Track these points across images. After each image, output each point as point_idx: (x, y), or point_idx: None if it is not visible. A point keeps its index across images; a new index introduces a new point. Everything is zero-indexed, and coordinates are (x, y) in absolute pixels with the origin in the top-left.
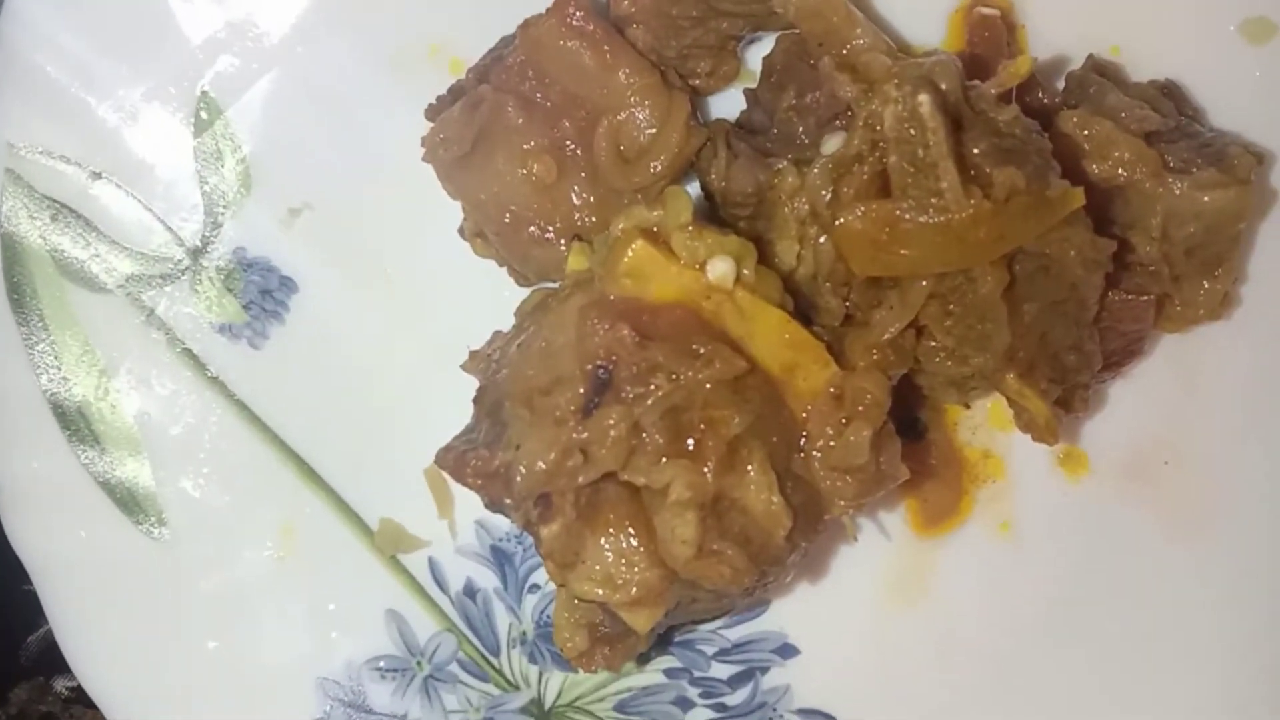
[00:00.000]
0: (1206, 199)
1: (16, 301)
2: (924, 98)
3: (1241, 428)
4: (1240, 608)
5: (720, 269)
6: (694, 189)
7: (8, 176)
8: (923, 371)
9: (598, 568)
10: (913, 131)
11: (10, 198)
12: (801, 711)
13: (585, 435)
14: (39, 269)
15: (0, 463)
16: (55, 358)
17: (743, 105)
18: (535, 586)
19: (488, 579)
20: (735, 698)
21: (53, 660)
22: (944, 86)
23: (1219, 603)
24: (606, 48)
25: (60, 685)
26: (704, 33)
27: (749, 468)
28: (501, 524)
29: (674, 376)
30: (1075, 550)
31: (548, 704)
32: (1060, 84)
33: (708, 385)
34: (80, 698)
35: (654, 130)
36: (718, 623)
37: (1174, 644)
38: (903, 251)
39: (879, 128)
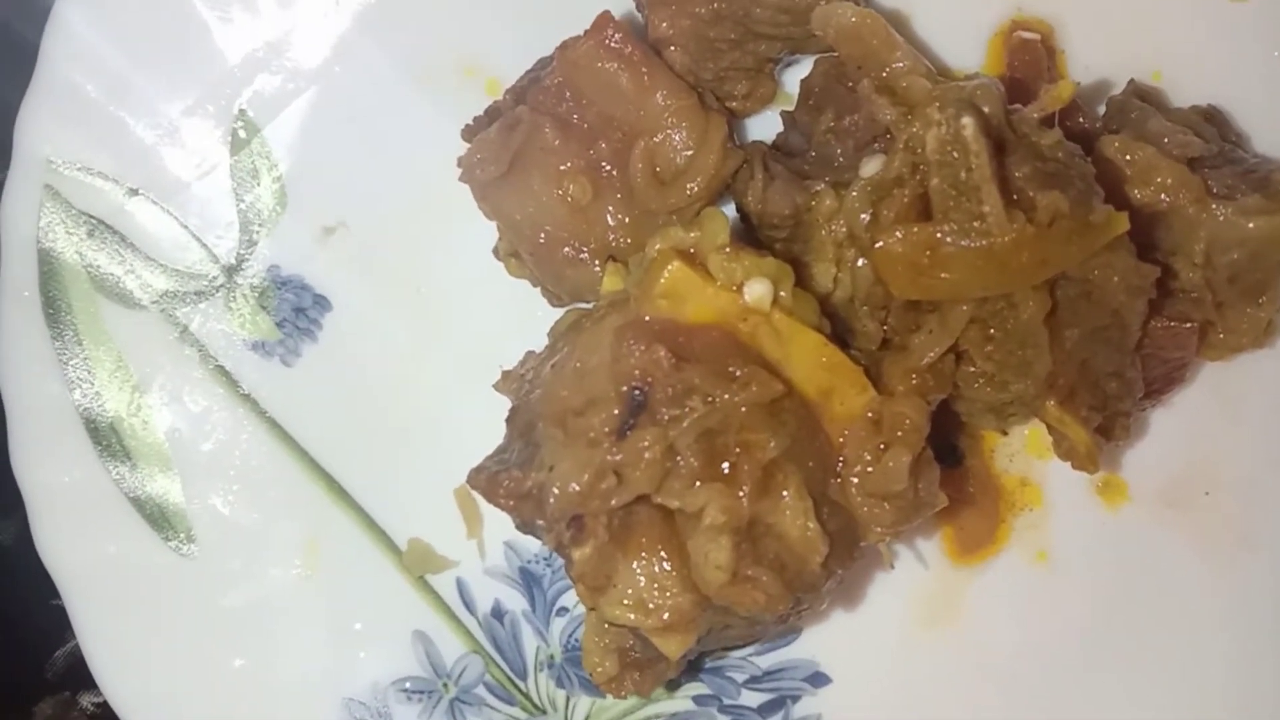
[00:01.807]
0: (1250, 225)
1: (51, 316)
2: (968, 120)
3: None
4: None
5: (757, 291)
6: (730, 211)
7: (45, 192)
8: (961, 397)
9: (630, 591)
10: (955, 154)
11: (47, 213)
12: None
13: (619, 457)
14: (74, 284)
15: (32, 476)
16: (89, 373)
17: (780, 128)
18: (564, 609)
19: (516, 601)
20: None
21: (79, 676)
22: (986, 110)
23: (1259, 635)
24: (644, 70)
25: (86, 701)
26: (741, 55)
27: (784, 492)
28: (530, 546)
29: (709, 399)
30: (1113, 580)
31: None
32: (1101, 109)
33: (743, 408)
34: (106, 714)
35: (690, 152)
36: (748, 650)
37: (1213, 676)
38: (944, 275)
39: (920, 150)
